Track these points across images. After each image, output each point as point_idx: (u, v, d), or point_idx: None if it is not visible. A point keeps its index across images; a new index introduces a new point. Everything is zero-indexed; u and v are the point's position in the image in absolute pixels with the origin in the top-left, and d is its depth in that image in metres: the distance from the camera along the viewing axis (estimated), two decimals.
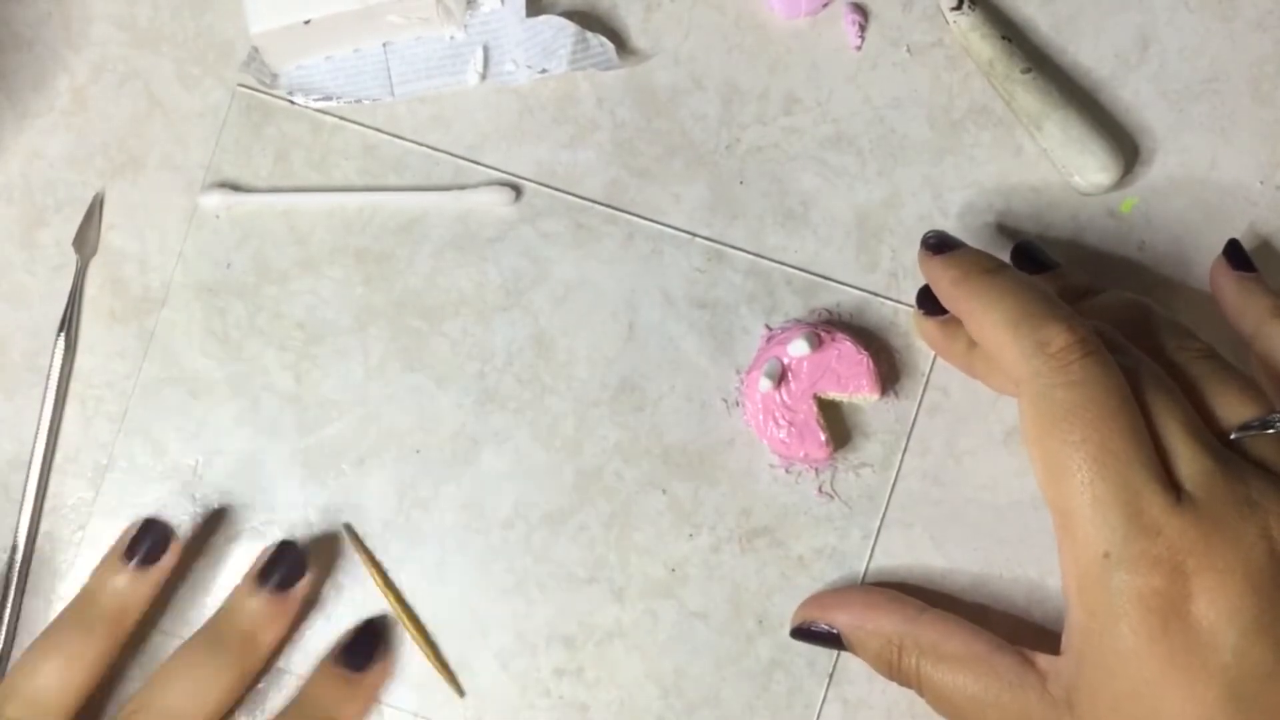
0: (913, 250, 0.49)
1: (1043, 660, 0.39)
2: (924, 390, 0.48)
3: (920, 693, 0.42)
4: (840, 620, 0.44)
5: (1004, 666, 0.40)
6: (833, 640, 0.44)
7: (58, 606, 0.47)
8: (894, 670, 0.42)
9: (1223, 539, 0.35)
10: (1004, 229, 0.49)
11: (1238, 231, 0.49)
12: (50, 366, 0.48)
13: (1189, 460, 0.37)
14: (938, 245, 0.43)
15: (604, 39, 0.48)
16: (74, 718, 0.43)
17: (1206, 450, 0.37)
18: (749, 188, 0.49)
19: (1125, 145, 0.49)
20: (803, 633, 0.45)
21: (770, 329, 0.48)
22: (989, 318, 0.39)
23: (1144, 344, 0.41)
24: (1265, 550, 0.35)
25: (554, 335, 0.48)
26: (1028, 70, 0.48)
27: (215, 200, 0.48)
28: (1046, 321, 0.38)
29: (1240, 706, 0.34)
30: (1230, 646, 0.34)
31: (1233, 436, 0.38)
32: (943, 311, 0.44)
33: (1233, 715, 0.34)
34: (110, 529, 0.48)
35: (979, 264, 0.41)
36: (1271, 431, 0.38)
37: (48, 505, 0.48)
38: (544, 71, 0.49)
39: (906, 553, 0.47)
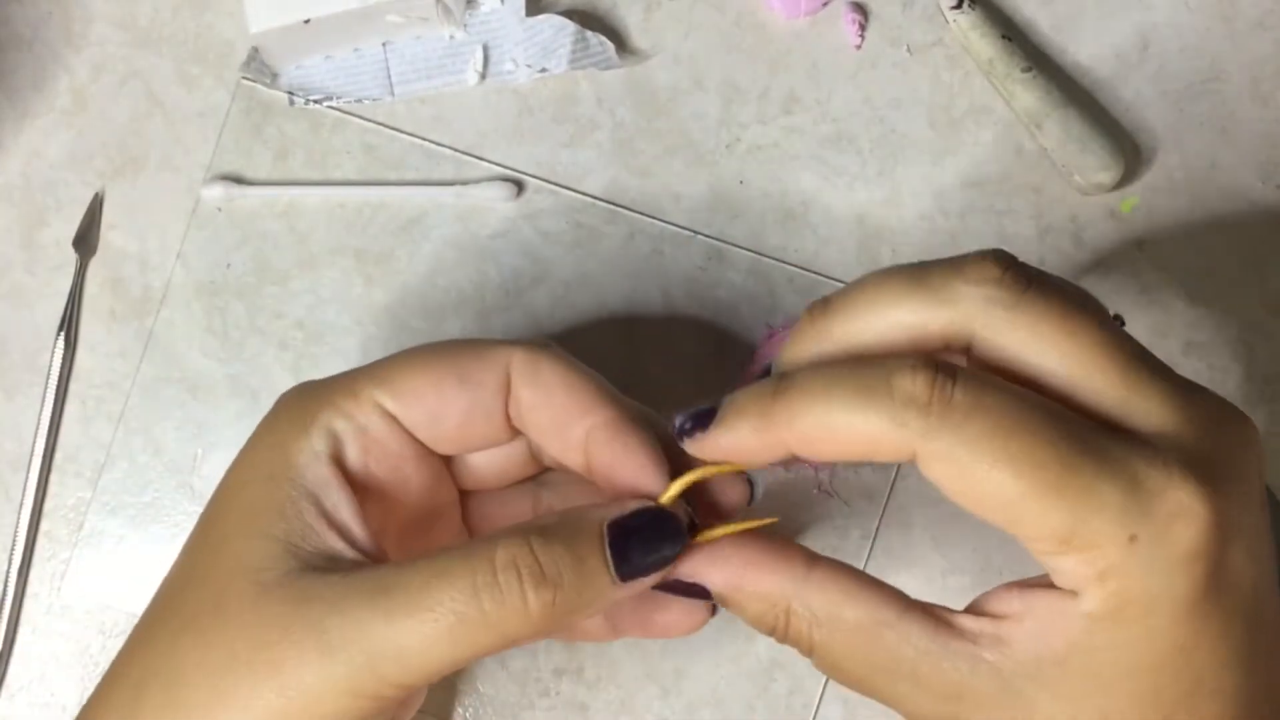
0: (913, 249, 0.49)
1: (966, 620, 0.33)
2: None
3: (811, 659, 0.35)
4: (714, 579, 0.35)
5: (918, 632, 0.33)
6: (701, 593, 0.36)
7: (58, 606, 0.47)
8: (780, 636, 0.35)
9: (1228, 472, 0.31)
10: (1004, 229, 0.49)
11: (1238, 232, 0.49)
12: (50, 366, 0.48)
13: (1152, 400, 0.32)
14: (697, 421, 0.34)
15: (604, 38, 0.48)
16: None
17: (1157, 381, 0.32)
18: (749, 187, 0.49)
19: (1125, 145, 0.49)
20: (668, 587, 0.36)
21: (770, 328, 0.48)
22: (830, 413, 0.32)
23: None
24: (1257, 462, 0.33)
25: (554, 335, 0.48)
26: (1028, 69, 0.48)
27: (218, 192, 0.48)
28: (887, 376, 0.31)
29: (1258, 635, 0.32)
30: (1249, 578, 0.32)
31: None
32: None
33: (1254, 645, 0.32)
34: (110, 528, 0.48)
35: (766, 391, 0.33)
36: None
37: (48, 505, 0.48)
38: (544, 71, 0.49)
39: (906, 552, 0.47)
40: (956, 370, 0.31)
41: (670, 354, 0.48)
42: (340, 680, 0.32)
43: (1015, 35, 0.49)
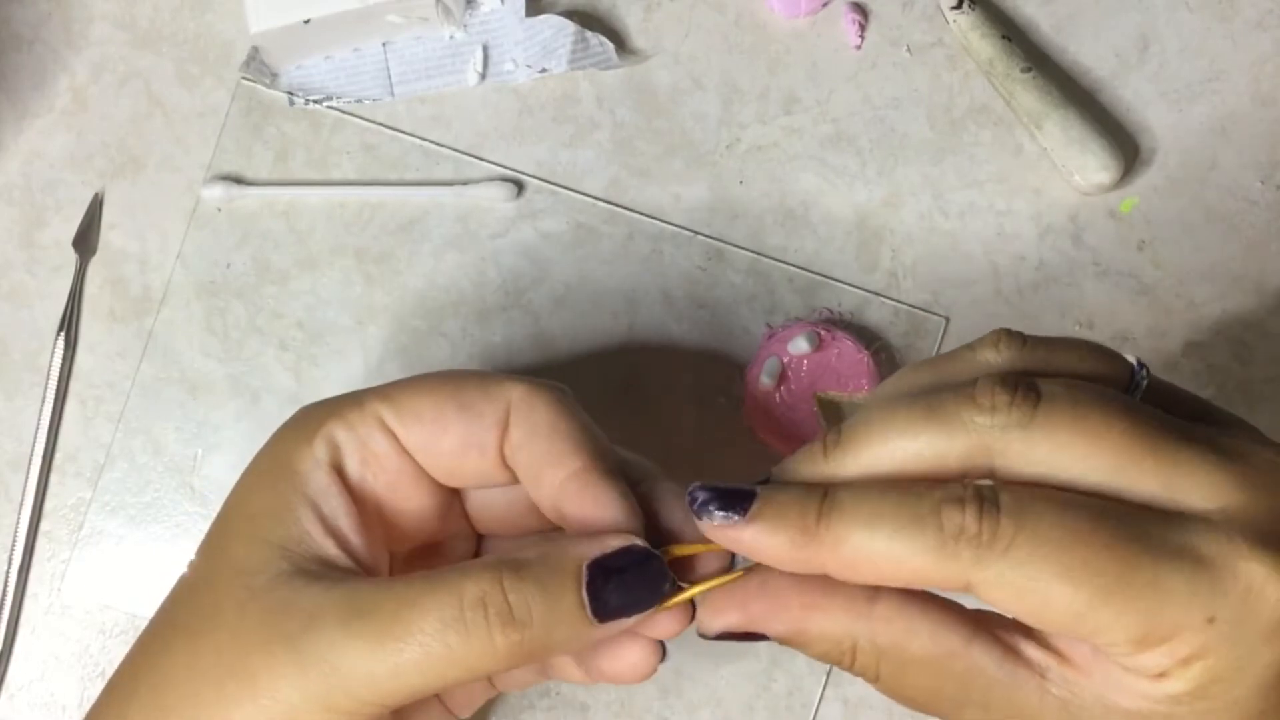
0: (913, 249, 0.49)
1: (1031, 650, 0.32)
2: None
3: (876, 685, 0.34)
4: (775, 628, 0.34)
5: (986, 661, 0.32)
6: (760, 638, 0.35)
7: (57, 607, 0.47)
8: (846, 668, 0.34)
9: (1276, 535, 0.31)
10: (1004, 229, 0.49)
11: (1238, 232, 0.49)
12: (50, 366, 0.48)
13: (1197, 475, 0.31)
14: (725, 505, 0.33)
15: (604, 38, 0.48)
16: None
17: (1198, 454, 0.31)
18: (749, 187, 0.49)
19: (1125, 145, 0.49)
20: (726, 637, 0.35)
21: (770, 328, 0.48)
22: (876, 542, 0.31)
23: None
24: None
25: (554, 335, 0.48)
26: (1028, 69, 0.48)
27: (218, 192, 0.48)
28: (936, 508, 0.31)
29: None
30: None
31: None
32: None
33: None
34: (110, 528, 0.48)
35: (811, 504, 0.32)
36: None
37: (47, 505, 0.48)
38: (544, 71, 0.49)
39: None
40: (999, 493, 0.30)
41: (670, 354, 0.48)
42: (315, 696, 0.32)
43: (1015, 35, 0.49)
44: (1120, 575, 0.29)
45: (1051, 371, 0.33)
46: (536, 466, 0.36)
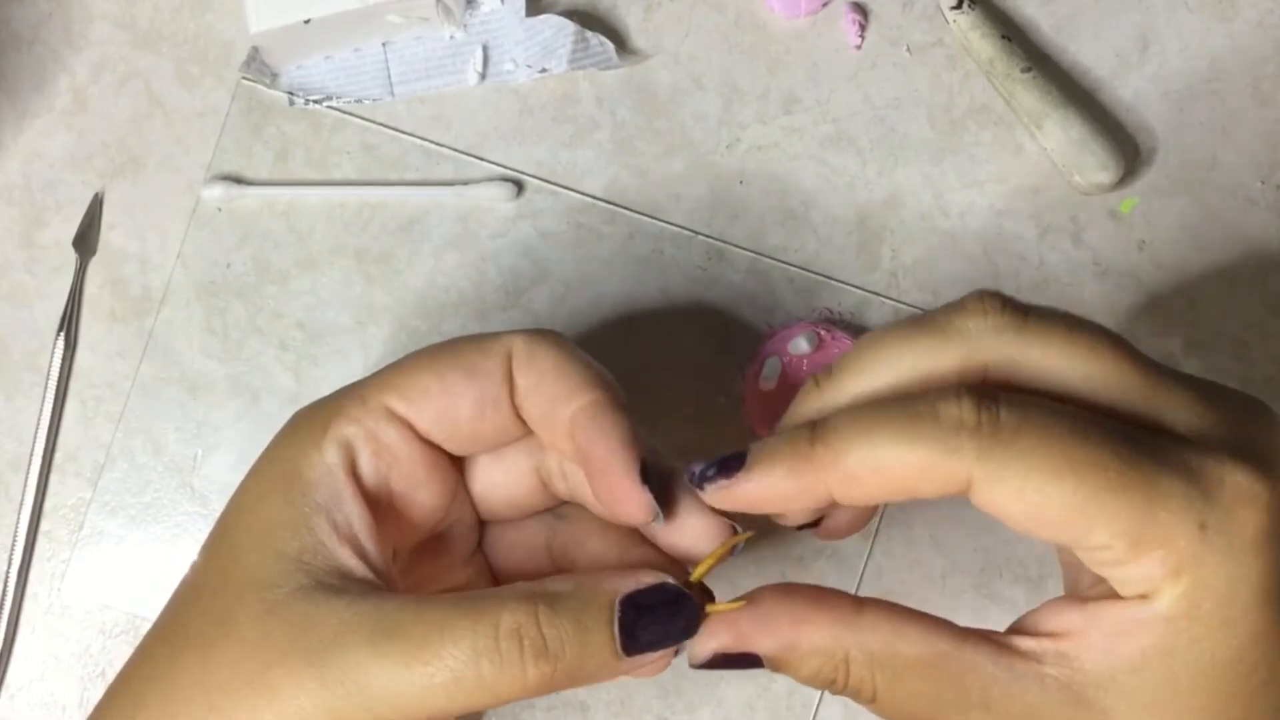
0: (913, 249, 0.49)
1: (1023, 641, 0.32)
2: None
3: (873, 706, 0.33)
4: (766, 645, 0.33)
5: (981, 659, 0.32)
6: (753, 663, 0.34)
7: (58, 606, 0.47)
8: (840, 687, 0.33)
9: (1271, 456, 0.31)
10: (1004, 229, 0.49)
11: (1238, 232, 0.49)
12: (50, 366, 0.48)
13: (1180, 399, 0.32)
14: (721, 468, 0.33)
15: (604, 38, 0.48)
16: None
17: (1179, 382, 0.32)
18: (749, 187, 0.49)
19: (1125, 145, 0.49)
20: (716, 663, 0.34)
21: (771, 328, 0.48)
22: (876, 446, 0.31)
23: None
24: None
25: None
26: (1028, 69, 0.48)
27: (218, 192, 0.48)
28: (932, 404, 0.31)
29: None
30: None
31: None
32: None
33: None
34: (110, 528, 0.48)
35: (801, 434, 0.32)
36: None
37: (47, 505, 0.48)
38: (544, 71, 0.49)
39: (906, 553, 0.47)
40: (997, 393, 0.31)
41: (670, 354, 0.48)
42: (336, 712, 0.32)
43: (1015, 35, 0.49)
44: (1121, 472, 0.30)
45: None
46: (547, 408, 0.36)
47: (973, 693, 0.32)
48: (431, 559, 0.38)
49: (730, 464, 0.33)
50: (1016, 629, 0.33)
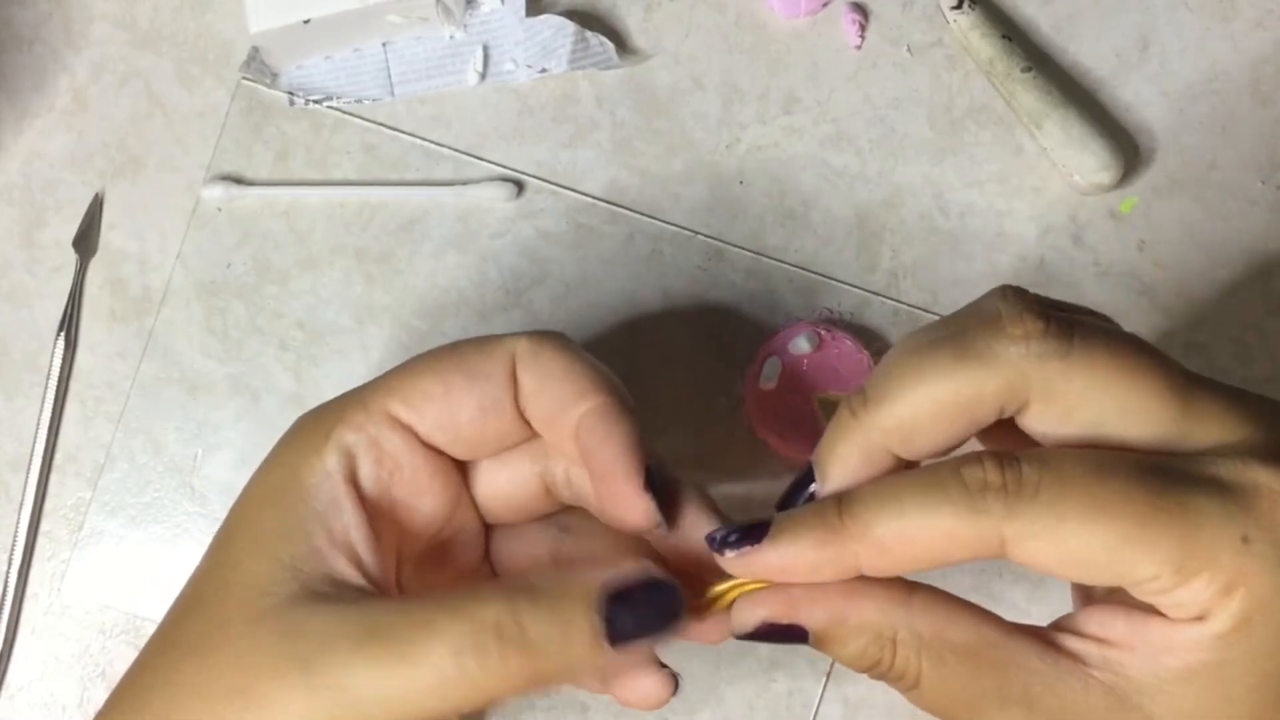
0: (913, 249, 0.49)
1: (1070, 641, 0.32)
2: None
3: (913, 693, 0.33)
4: (816, 616, 0.32)
5: (1028, 653, 0.31)
6: (799, 636, 0.33)
7: (57, 606, 0.47)
8: (883, 669, 0.33)
9: None
10: (1004, 229, 0.49)
11: (1238, 232, 0.49)
12: (50, 366, 0.48)
13: (1212, 411, 0.31)
14: (744, 536, 0.32)
15: (604, 38, 0.48)
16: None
17: (1211, 393, 0.32)
18: (749, 187, 0.49)
19: (1125, 145, 0.49)
20: (762, 634, 0.34)
21: (771, 328, 0.48)
22: (903, 515, 0.31)
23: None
24: None
25: None
26: (1028, 69, 0.48)
27: (218, 192, 0.48)
28: (955, 469, 0.30)
29: None
30: None
31: None
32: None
33: None
34: (110, 528, 0.48)
35: (828, 505, 0.32)
36: None
37: (47, 505, 0.48)
38: (544, 71, 0.49)
39: None
40: (1016, 452, 0.30)
41: (670, 354, 0.48)
42: (326, 718, 0.31)
43: (1015, 35, 0.49)
44: (1152, 504, 0.29)
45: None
46: (552, 411, 0.35)
47: (1015, 686, 0.31)
48: (437, 568, 0.38)
49: (753, 532, 0.32)
50: (1061, 627, 0.32)
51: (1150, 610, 0.31)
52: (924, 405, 0.32)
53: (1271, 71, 0.50)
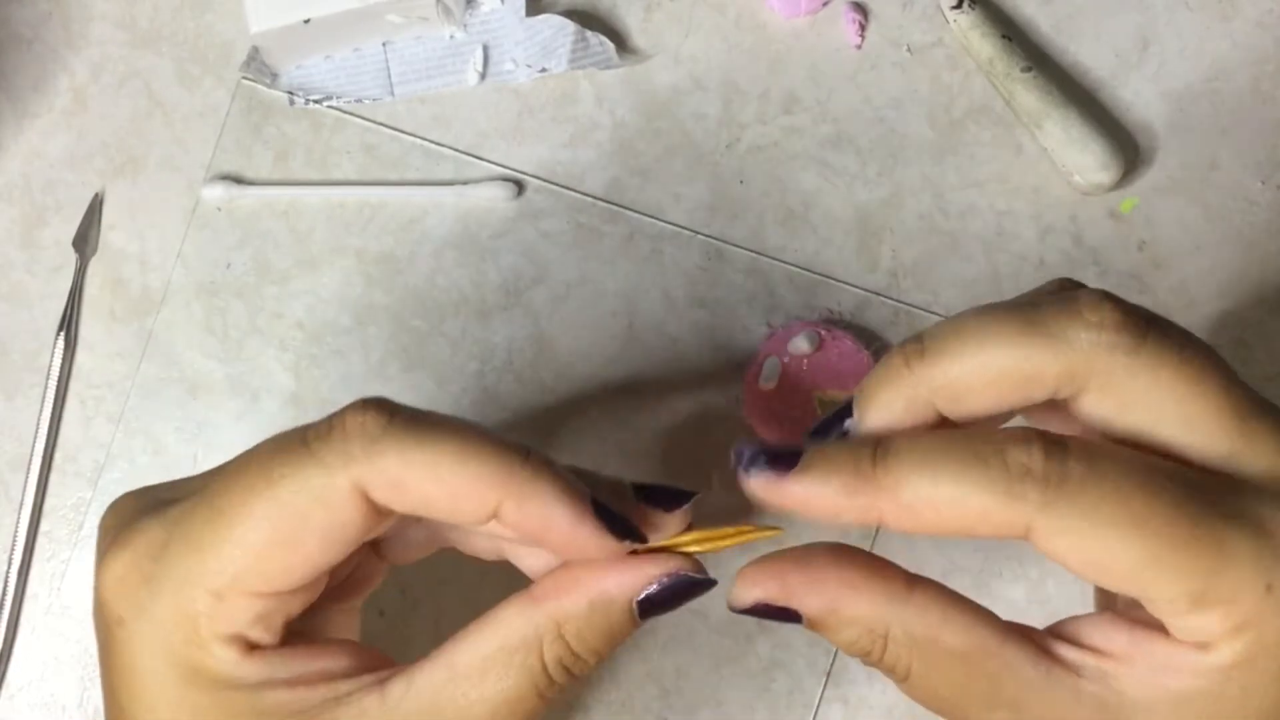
0: (913, 249, 0.49)
1: (1066, 650, 0.31)
2: None
3: (903, 685, 0.33)
4: (810, 604, 0.32)
5: (1021, 660, 0.31)
6: (793, 617, 0.33)
7: (57, 607, 0.47)
8: (873, 660, 0.32)
9: None
10: (1004, 229, 0.49)
11: (1238, 232, 0.49)
12: (50, 366, 0.48)
13: (1269, 442, 0.30)
14: (774, 461, 0.32)
15: (604, 38, 0.48)
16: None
17: (1273, 421, 0.31)
18: (749, 187, 0.49)
19: (1125, 145, 0.49)
20: (758, 611, 0.33)
21: (771, 328, 0.48)
22: (938, 482, 0.30)
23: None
24: None
25: (554, 335, 0.48)
26: (1028, 69, 0.48)
27: (218, 192, 0.48)
28: (1000, 447, 0.30)
29: None
30: None
31: None
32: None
33: None
34: None
35: (865, 451, 0.31)
36: None
37: (47, 505, 0.48)
38: (544, 71, 0.49)
39: (906, 552, 0.47)
40: (1067, 440, 0.30)
41: (670, 354, 0.48)
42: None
43: (1015, 35, 0.49)
44: (1188, 531, 0.29)
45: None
46: (455, 523, 0.33)
47: (1005, 691, 0.31)
48: (345, 597, 0.37)
49: (783, 459, 0.31)
50: (1057, 633, 0.32)
51: (1157, 627, 0.30)
52: (981, 371, 0.31)
53: (1271, 71, 0.50)
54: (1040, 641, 0.32)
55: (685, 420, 0.48)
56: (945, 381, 0.31)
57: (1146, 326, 0.30)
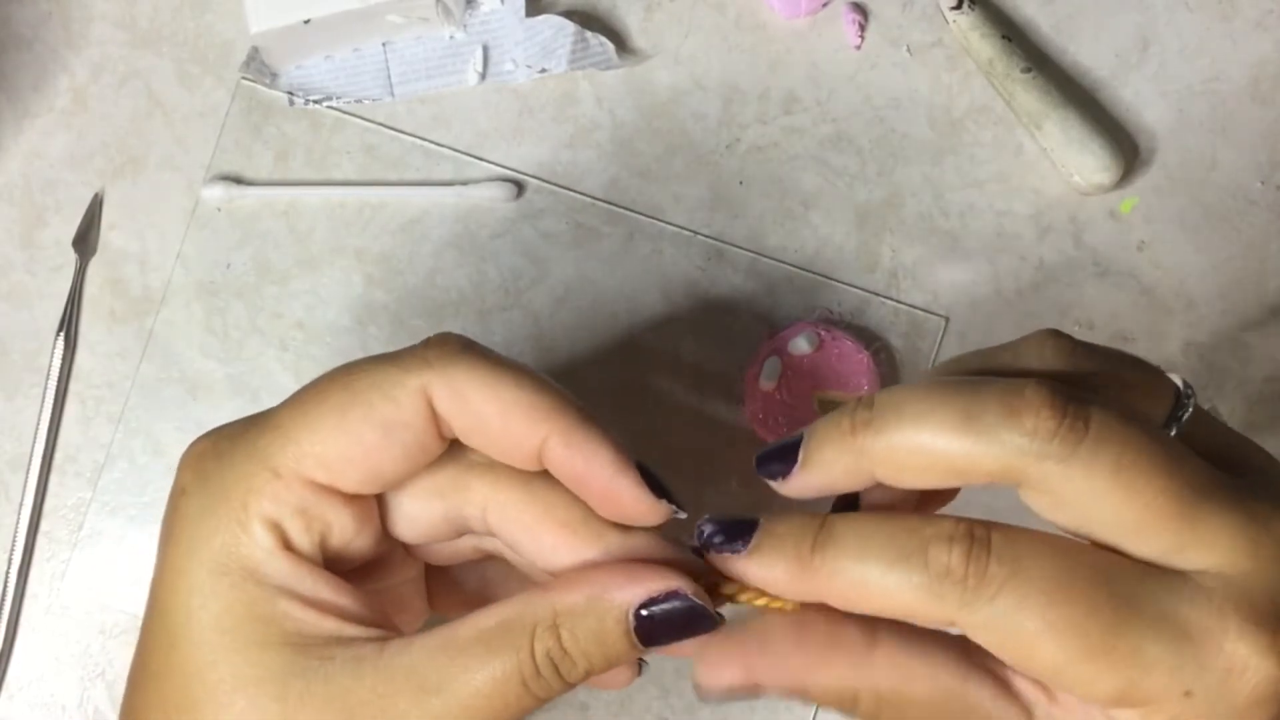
0: (913, 249, 0.49)
1: (1022, 685, 0.33)
2: None
3: None
4: (776, 686, 0.34)
5: (980, 698, 0.32)
6: (759, 695, 0.35)
7: (57, 607, 0.47)
8: (848, 713, 0.34)
9: (1268, 594, 0.30)
10: (1004, 229, 0.49)
11: (1238, 232, 0.49)
12: (50, 366, 0.48)
13: (1215, 536, 0.30)
14: (728, 537, 0.33)
15: (604, 39, 0.48)
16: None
17: (1222, 514, 0.30)
18: (749, 187, 0.49)
19: (1125, 145, 0.49)
20: (724, 697, 0.34)
21: (770, 328, 0.48)
22: (867, 577, 0.31)
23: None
24: None
25: (554, 335, 0.48)
26: (1028, 70, 0.48)
27: (218, 192, 0.48)
28: (923, 546, 0.31)
29: None
30: None
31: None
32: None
33: None
34: (109, 528, 0.48)
35: (807, 535, 0.32)
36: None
37: (47, 505, 0.48)
38: (544, 71, 0.49)
39: None
40: (991, 535, 0.30)
41: (670, 354, 0.48)
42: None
43: (1015, 35, 0.49)
44: (1103, 638, 0.29)
45: (1095, 386, 0.32)
46: (504, 448, 0.35)
47: None
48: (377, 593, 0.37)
49: (740, 533, 0.33)
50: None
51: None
52: (918, 454, 0.32)
53: (1271, 71, 0.50)
54: (999, 673, 0.33)
55: (685, 420, 0.48)
56: (884, 457, 0.32)
57: (1085, 428, 0.30)
